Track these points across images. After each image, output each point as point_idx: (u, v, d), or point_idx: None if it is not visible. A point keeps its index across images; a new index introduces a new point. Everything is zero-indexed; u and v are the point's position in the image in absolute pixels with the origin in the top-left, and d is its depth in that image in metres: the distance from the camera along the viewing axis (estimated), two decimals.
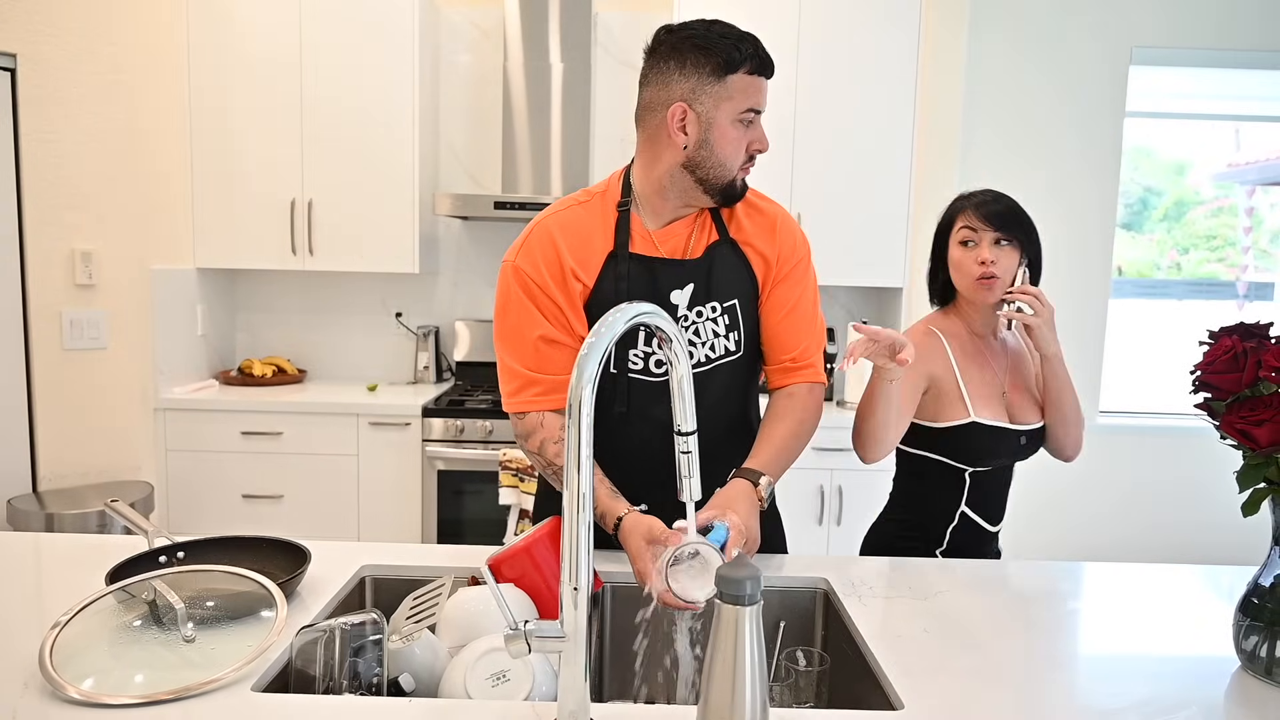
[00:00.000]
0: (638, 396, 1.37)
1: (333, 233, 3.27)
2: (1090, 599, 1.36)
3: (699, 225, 1.40)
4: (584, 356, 0.87)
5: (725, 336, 1.39)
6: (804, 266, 1.44)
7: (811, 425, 1.45)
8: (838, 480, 3.11)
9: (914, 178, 3.26)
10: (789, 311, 1.42)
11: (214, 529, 3.11)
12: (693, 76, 1.29)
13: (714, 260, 1.39)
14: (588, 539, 0.88)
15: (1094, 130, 3.57)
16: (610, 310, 0.90)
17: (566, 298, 1.35)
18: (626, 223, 1.37)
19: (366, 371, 3.64)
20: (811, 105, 3.23)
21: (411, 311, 3.63)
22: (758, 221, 1.42)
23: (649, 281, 1.37)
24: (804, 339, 1.44)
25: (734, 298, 1.39)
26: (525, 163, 3.31)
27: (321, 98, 3.21)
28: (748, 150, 1.31)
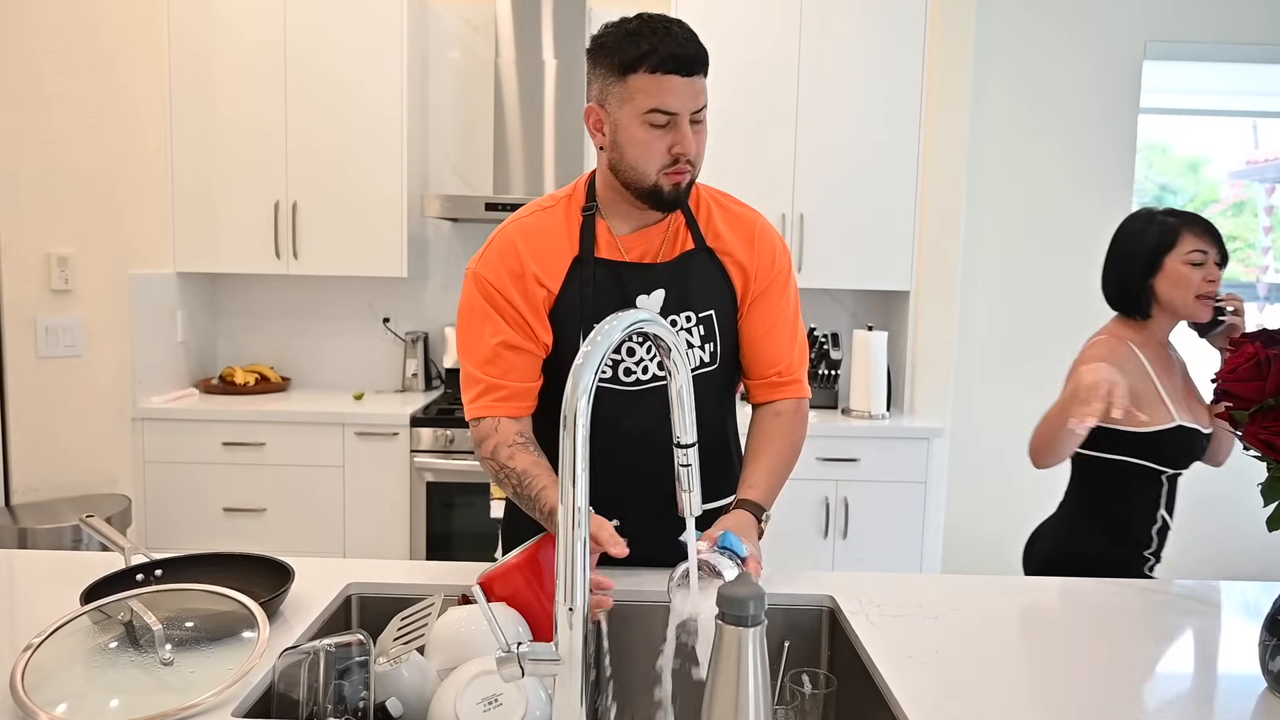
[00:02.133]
0: (606, 407, 1.37)
1: (318, 235, 3.26)
2: (1108, 616, 1.35)
3: (672, 232, 1.40)
4: (579, 366, 0.86)
5: (701, 348, 1.39)
6: (785, 277, 1.44)
7: (800, 445, 1.45)
8: (843, 492, 3.10)
9: (920, 176, 3.26)
10: (772, 325, 1.43)
11: (193, 544, 3.09)
12: (600, 78, 1.30)
13: (689, 268, 1.38)
14: (584, 556, 0.88)
15: (1107, 127, 3.58)
16: (609, 317, 0.89)
17: (529, 304, 1.35)
18: (591, 227, 1.38)
19: (352, 379, 3.64)
20: (813, 101, 3.23)
21: (399, 317, 3.63)
22: (735, 229, 1.42)
23: (615, 287, 1.37)
24: (789, 352, 1.45)
25: (710, 308, 1.39)
26: (518, 163, 3.31)
27: (306, 96, 3.21)
28: (669, 153, 1.28)
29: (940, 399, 3.31)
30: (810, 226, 3.27)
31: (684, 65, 1.25)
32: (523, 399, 1.36)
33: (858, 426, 3.12)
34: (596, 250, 1.38)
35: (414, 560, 2.84)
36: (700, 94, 1.27)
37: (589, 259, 1.37)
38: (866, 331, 3.23)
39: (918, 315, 3.32)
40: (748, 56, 3.21)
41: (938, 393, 3.32)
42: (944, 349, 3.32)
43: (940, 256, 3.29)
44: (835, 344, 3.39)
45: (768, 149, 3.24)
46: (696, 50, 1.26)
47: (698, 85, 1.27)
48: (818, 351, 3.37)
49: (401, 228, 3.26)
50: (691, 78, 1.25)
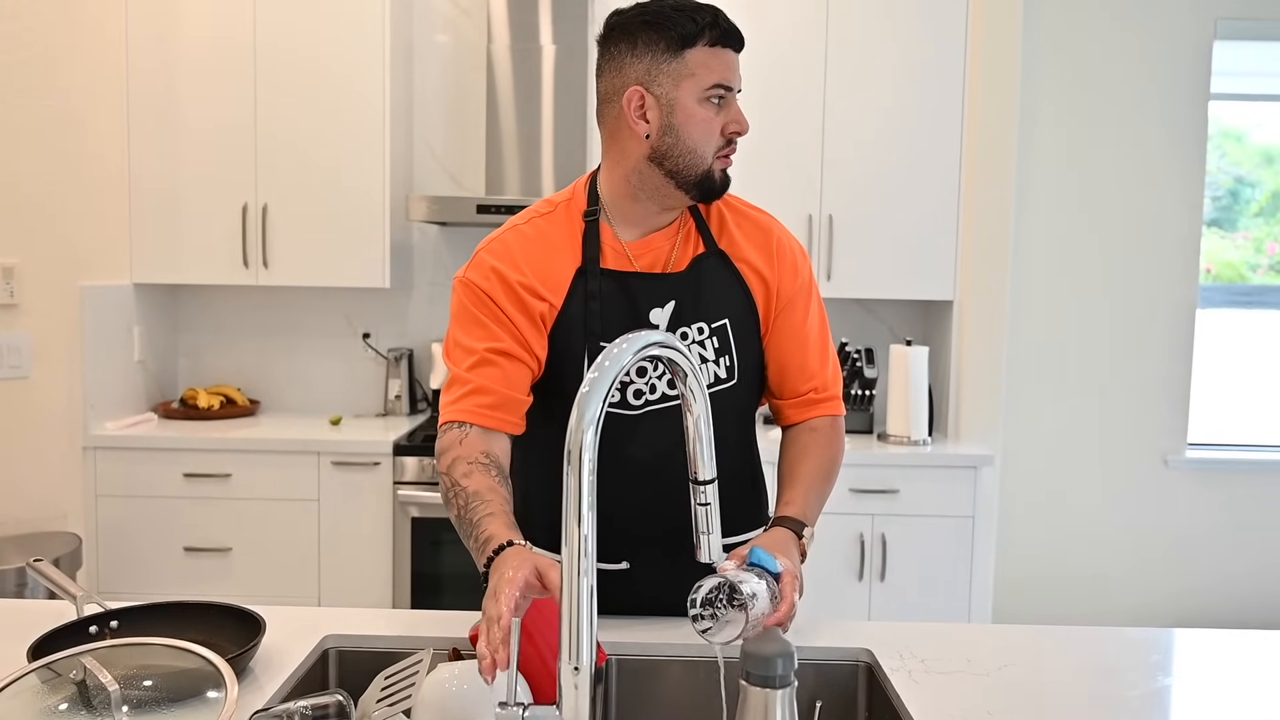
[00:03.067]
0: (611, 432, 1.36)
1: (290, 242, 3.28)
2: (1175, 672, 1.34)
3: (682, 236, 1.41)
4: (585, 395, 0.87)
5: (715, 362, 1.40)
6: (810, 286, 1.47)
7: (839, 463, 1.47)
8: (880, 527, 3.09)
9: (964, 172, 3.27)
10: (802, 340, 1.45)
11: (151, 587, 3.10)
12: (646, 56, 1.31)
13: (701, 274, 1.40)
14: (590, 607, 0.88)
15: (1174, 114, 3.58)
16: (618, 339, 0.90)
17: (524, 314, 1.36)
18: (595, 234, 1.39)
19: (329, 402, 3.65)
20: (842, 93, 3.24)
21: (381, 332, 3.64)
22: (751, 234, 1.44)
23: (624, 300, 1.38)
24: (822, 369, 1.47)
25: (724, 317, 1.40)
26: (512, 160, 3.33)
27: (277, 87, 3.24)
28: (723, 133, 1.33)
29: (989, 422, 3.31)
30: (840, 230, 3.28)
31: (737, 39, 1.32)
32: (508, 411, 1.35)
33: (896, 454, 3.12)
34: (602, 260, 1.39)
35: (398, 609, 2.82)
36: (741, 74, 1.35)
37: (594, 270, 1.38)
38: (904, 347, 3.23)
39: (962, 328, 3.32)
40: (768, 43, 3.23)
41: (986, 415, 3.31)
42: (992, 366, 3.32)
43: (987, 262, 3.29)
44: (870, 361, 3.39)
45: (791, 144, 3.26)
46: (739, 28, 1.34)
47: (739, 63, 1.34)
48: (850, 369, 3.37)
49: (383, 233, 3.28)
50: (738, 54, 1.33)
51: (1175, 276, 3.62)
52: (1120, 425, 3.65)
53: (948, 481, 3.09)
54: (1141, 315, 3.61)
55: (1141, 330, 3.61)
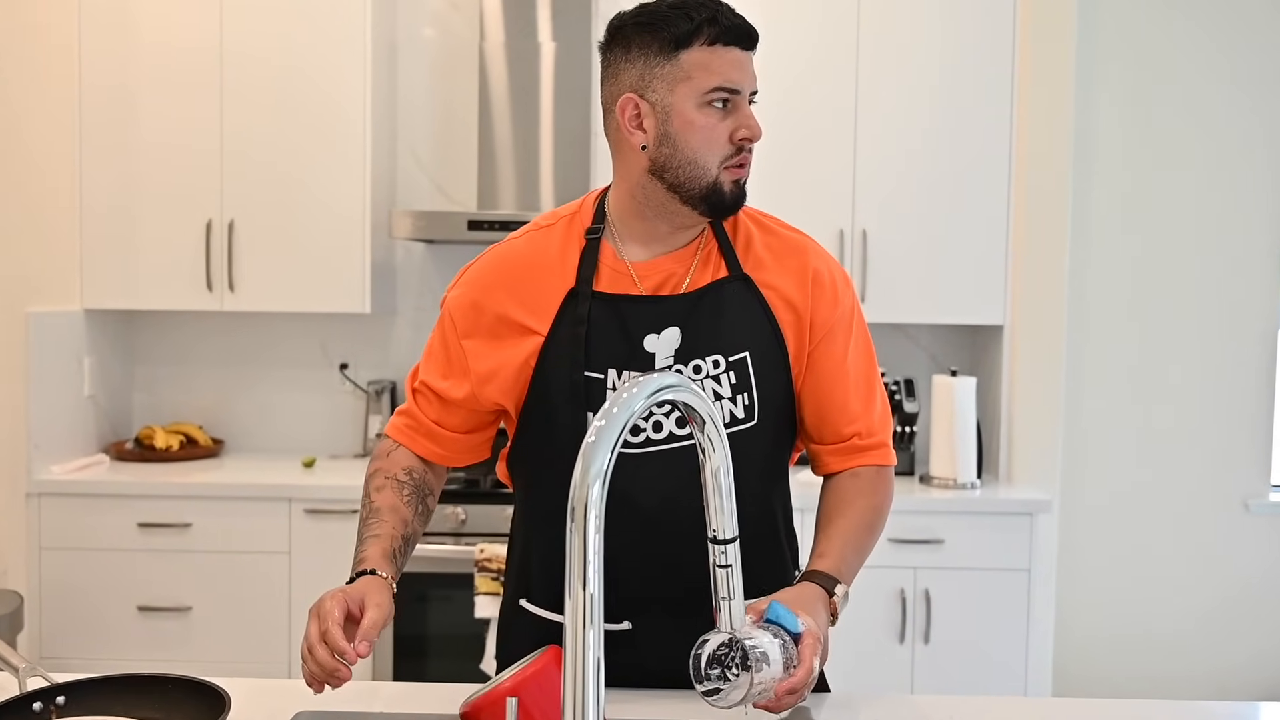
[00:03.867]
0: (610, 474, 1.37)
1: (259, 263, 3.30)
2: None
3: (701, 259, 1.42)
4: (591, 446, 0.87)
5: (732, 400, 1.40)
6: (851, 316, 1.46)
7: (884, 511, 1.46)
8: (924, 582, 3.07)
9: (1013, 181, 3.27)
10: (841, 376, 1.44)
11: (102, 652, 3.09)
12: (639, 61, 1.34)
13: (721, 300, 1.40)
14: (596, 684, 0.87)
15: (1258, 112, 3.57)
16: (626, 384, 0.90)
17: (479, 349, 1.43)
18: (594, 253, 1.41)
19: (302, 442, 3.65)
20: (875, 94, 3.26)
21: (360, 363, 3.65)
22: (782, 256, 1.44)
23: (615, 326, 1.39)
24: (867, 411, 1.46)
25: (743, 350, 1.40)
26: (507, 170, 3.35)
27: (247, 90, 3.27)
28: (731, 140, 1.33)
29: (1046, 463, 3.29)
30: (875, 247, 3.28)
31: (745, 36, 1.33)
32: (434, 441, 1.49)
33: (941, 499, 3.10)
34: (597, 281, 1.40)
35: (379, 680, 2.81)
36: (755, 75, 1.35)
37: (585, 291, 1.39)
38: (949, 377, 3.22)
39: (1014, 356, 3.31)
40: (793, 41, 3.25)
41: (1042, 454, 3.29)
42: (1049, 398, 3.30)
43: (1042, 281, 3.29)
44: (910, 393, 3.38)
45: (819, 151, 3.27)
46: (750, 23, 1.34)
47: (753, 64, 1.35)
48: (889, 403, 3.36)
49: (363, 252, 3.29)
50: (749, 52, 1.33)
51: (1258, 298, 3.60)
52: (1195, 466, 3.62)
53: (1000, 530, 3.07)
54: (1219, 342, 3.60)
55: (1219, 359, 3.60)
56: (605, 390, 1.38)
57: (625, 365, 1.38)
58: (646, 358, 1.39)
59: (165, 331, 3.66)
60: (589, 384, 1.38)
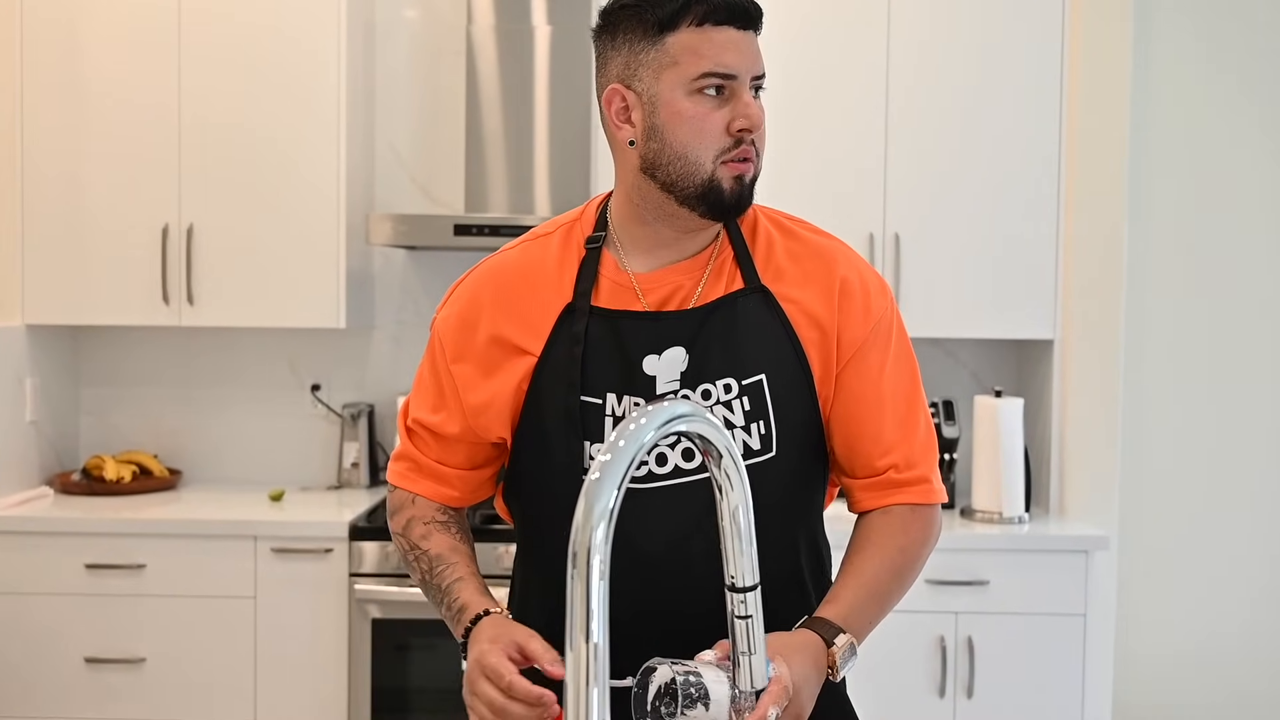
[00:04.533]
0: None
1: (222, 273, 3.29)
2: None
3: (713, 268, 1.41)
4: (596, 484, 0.85)
5: (745, 429, 1.38)
6: (888, 329, 1.43)
7: (920, 560, 1.43)
8: (966, 629, 3.05)
9: (1064, 179, 3.26)
10: (875, 400, 1.42)
11: (45, 709, 3.06)
12: (624, 48, 1.34)
13: (735, 315, 1.38)
14: None
15: None
16: (634, 414, 0.88)
17: (471, 376, 1.43)
18: (594, 264, 1.41)
19: (268, 472, 3.64)
20: (909, 82, 3.25)
21: (334, 384, 3.64)
22: (806, 264, 1.42)
23: (612, 345, 1.38)
24: (907, 438, 1.43)
25: (759, 372, 1.38)
26: (498, 168, 3.34)
27: (208, 80, 3.26)
28: (729, 131, 1.31)
29: (1102, 493, 3.27)
30: (909, 253, 3.27)
31: (739, 14, 1.30)
32: (442, 482, 1.49)
33: (984, 535, 3.07)
34: (596, 296, 1.40)
35: None
36: (760, 56, 1.33)
37: (582, 307, 1.39)
38: (993, 399, 3.21)
39: (1066, 374, 3.29)
40: (817, 20, 3.25)
41: (1099, 485, 3.27)
42: (1106, 421, 3.28)
43: (1096, 291, 3.27)
44: (949, 416, 3.36)
45: (845, 146, 3.26)
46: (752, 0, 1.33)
47: (755, 44, 1.33)
48: None
49: (337, 260, 3.29)
50: (748, 32, 1.31)
51: None
52: (1271, 497, 3.60)
53: (1051, 570, 3.05)
54: None
55: None
56: (603, 417, 1.38)
57: (627, 389, 1.38)
58: (646, 381, 1.38)
59: (116, 349, 3.65)
60: (585, 410, 1.37)
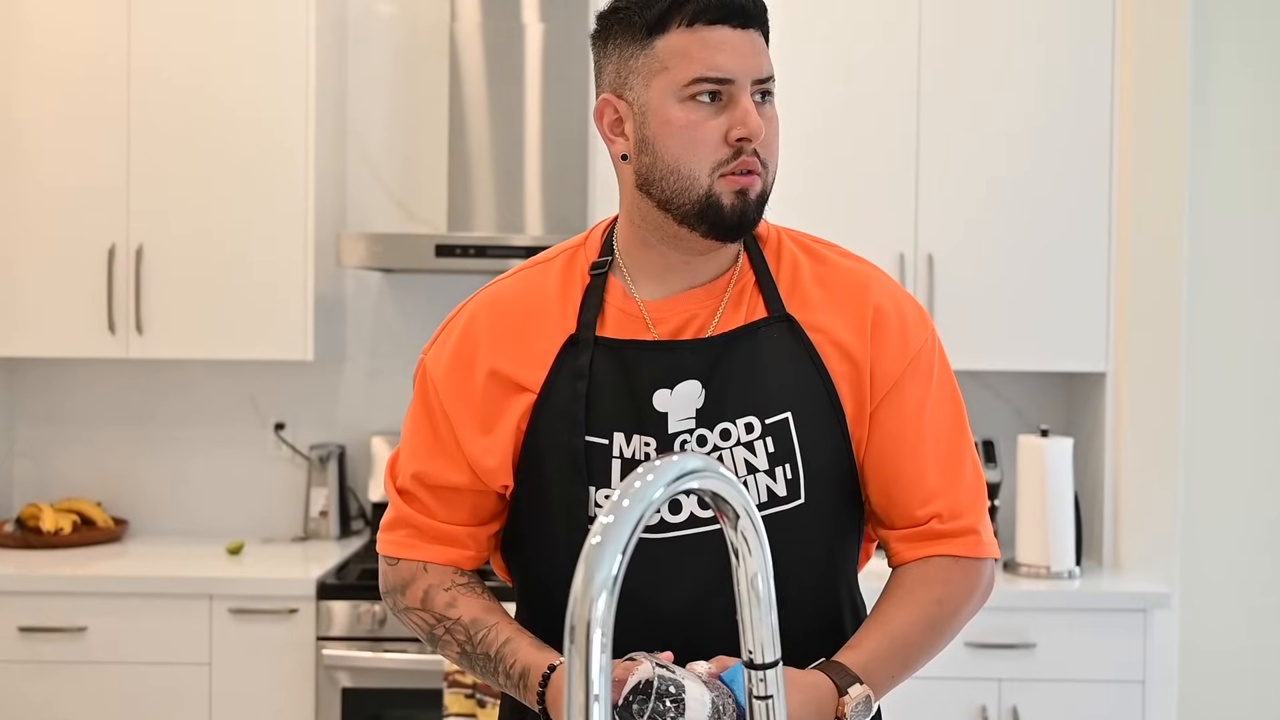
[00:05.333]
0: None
1: (174, 298, 3.30)
2: None
3: (732, 295, 1.42)
4: (596, 548, 0.85)
5: (770, 473, 1.39)
6: (929, 360, 1.44)
7: (958, 617, 1.43)
8: (1011, 697, 3.04)
9: (1115, 195, 3.27)
10: (914, 440, 1.42)
11: None
12: (614, 54, 1.37)
13: (757, 347, 1.39)
14: None
15: None
16: (640, 469, 0.89)
17: (474, 419, 1.43)
18: (599, 292, 1.42)
19: (226, 522, 3.63)
20: (942, 91, 3.27)
21: (300, 422, 3.64)
22: (836, 290, 1.43)
23: (620, 379, 1.39)
24: (949, 485, 1.43)
25: (785, 410, 1.39)
26: (485, 182, 3.35)
27: (159, 87, 3.27)
28: (727, 141, 1.32)
29: (1162, 545, 3.26)
30: (944, 275, 3.28)
31: (735, 11, 1.31)
32: (452, 544, 1.47)
33: (1031, 592, 3.07)
34: (601, 326, 1.41)
35: None
36: (763, 57, 1.34)
37: (586, 338, 1.40)
38: (1038, 438, 3.21)
39: (1120, 411, 3.29)
40: (840, 30, 3.26)
41: (1159, 535, 3.26)
42: (1165, 463, 3.28)
43: (1154, 318, 3.27)
44: (989, 458, 3.37)
45: (874, 158, 3.28)
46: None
47: (758, 44, 1.33)
48: None
49: (304, 285, 3.29)
50: (747, 31, 1.32)
51: None
52: None
53: (1106, 631, 3.05)
54: None
55: None
56: (610, 459, 1.38)
57: (637, 428, 1.38)
58: (657, 419, 1.38)
59: (56, 384, 3.66)
60: (590, 451, 1.38)
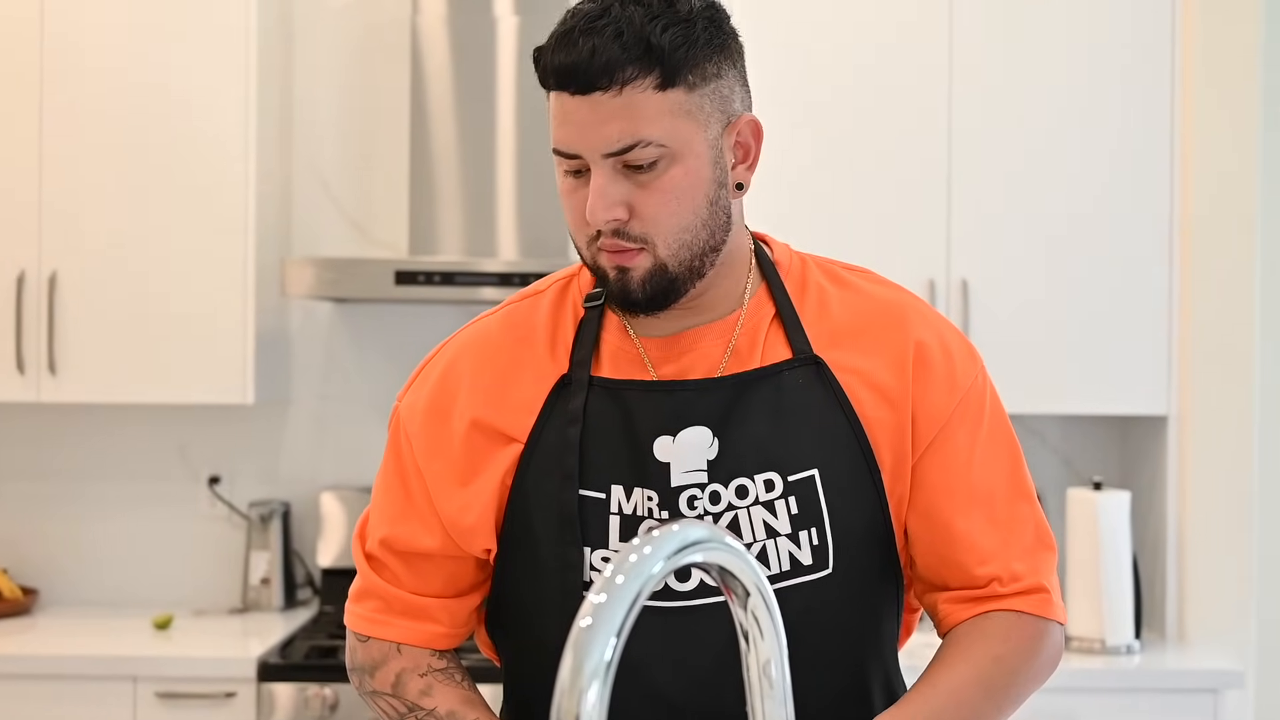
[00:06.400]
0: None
1: (92, 333, 3.30)
2: None
3: (744, 333, 1.42)
4: (587, 632, 0.85)
5: (793, 538, 1.39)
6: (979, 401, 1.44)
7: (1021, 680, 1.42)
8: None
9: (1177, 218, 3.29)
10: (966, 493, 1.42)
11: None
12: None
13: (779, 392, 1.40)
14: None
15: None
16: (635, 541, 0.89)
17: (447, 473, 1.44)
18: (594, 328, 1.44)
19: (152, 591, 3.62)
20: (976, 98, 3.30)
21: (239, 475, 3.64)
22: (868, 324, 1.44)
23: (617, 425, 1.40)
24: (1012, 539, 1.43)
25: (811, 465, 1.39)
26: (451, 200, 3.37)
27: (75, 88, 3.29)
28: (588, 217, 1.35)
29: (1234, 615, 3.26)
30: (980, 304, 3.30)
31: (568, 77, 1.31)
32: (423, 618, 1.47)
33: (1084, 669, 3.08)
34: (597, 365, 1.42)
35: None
36: (613, 124, 1.30)
37: (580, 378, 1.41)
38: (1091, 491, 3.21)
39: (1185, 460, 3.29)
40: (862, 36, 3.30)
41: (1229, 602, 3.27)
42: (1237, 520, 3.28)
43: (1222, 355, 3.28)
44: None
45: (902, 180, 3.30)
46: (608, 50, 1.29)
47: (606, 110, 1.30)
48: None
49: (243, 317, 3.30)
50: (591, 96, 1.30)
51: None
52: None
53: (1170, 715, 3.05)
54: None
55: None
56: (608, 515, 1.39)
57: (638, 481, 1.39)
58: (660, 470, 1.38)
59: None
60: (585, 507, 1.38)
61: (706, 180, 1.34)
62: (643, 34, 1.29)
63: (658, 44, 1.29)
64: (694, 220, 1.34)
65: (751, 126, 1.39)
